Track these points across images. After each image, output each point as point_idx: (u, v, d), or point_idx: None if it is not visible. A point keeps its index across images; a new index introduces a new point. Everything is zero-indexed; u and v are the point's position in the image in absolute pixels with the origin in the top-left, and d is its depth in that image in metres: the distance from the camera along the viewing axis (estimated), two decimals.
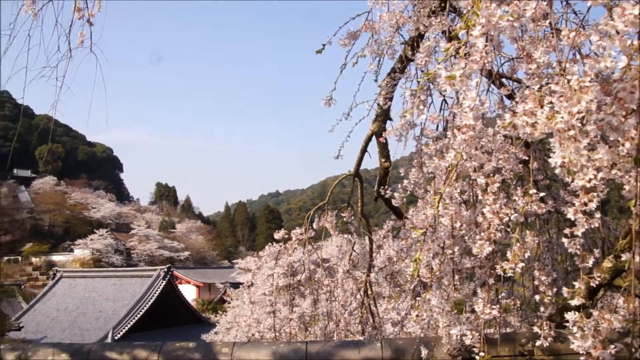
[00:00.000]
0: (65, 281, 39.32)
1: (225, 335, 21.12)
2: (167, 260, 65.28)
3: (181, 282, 49.61)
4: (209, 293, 52.25)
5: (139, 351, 3.07)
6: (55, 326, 33.70)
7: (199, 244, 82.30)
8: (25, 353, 3.18)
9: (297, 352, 3.10)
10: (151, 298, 34.53)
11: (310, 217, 4.80)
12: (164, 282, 35.86)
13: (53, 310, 35.94)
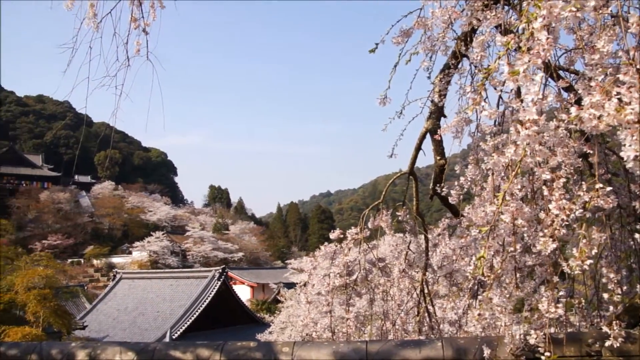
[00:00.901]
0: (125, 282, 40.48)
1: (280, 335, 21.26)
2: (222, 261, 66.27)
3: (235, 282, 50.27)
4: (262, 293, 52.78)
5: (202, 350, 3.13)
6: (116, 326, 34.70)
7: (252, 245, 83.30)
8: (95, 351, 3.29)
9: (358, 351, 3.09)
10: (207, 298, 35.09)
11: (366, 216, 4.77)
12: (219, 283, 36.38)
13: (114, 310, 37.04)
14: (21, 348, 3.52)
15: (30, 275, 18.93)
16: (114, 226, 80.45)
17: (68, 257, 66.20)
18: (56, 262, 26.91)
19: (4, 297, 18.08)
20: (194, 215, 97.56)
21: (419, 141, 4.58)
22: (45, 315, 18.82)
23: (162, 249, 68.03)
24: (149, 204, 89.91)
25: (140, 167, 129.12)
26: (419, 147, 4.63)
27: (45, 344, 3.53)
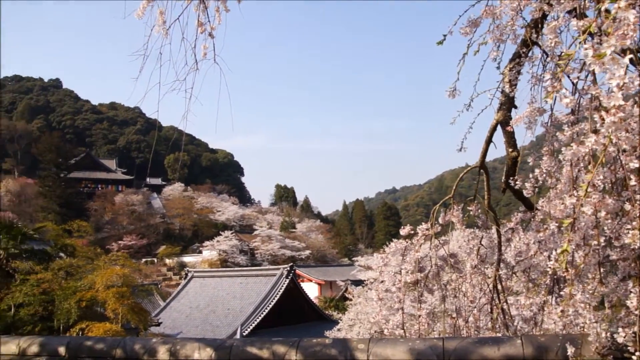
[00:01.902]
0: (196, 281, 41.58)
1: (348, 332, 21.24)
2: (289, 259, 66.98)
3: (303, 280, 50.71)
4: (330, 290, 52.99)
5: (278, 347, 3.16)
6: (189, 322, 35.68)
7: (319, 243, 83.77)
8: (175, 347, 3.39)
9: (434, 348, 3.03)
10: (276, 296, 35.53)
11: (436, 211, 4.69)
12: (287, 281, 36.76)
13: (186, 307, 38.12)
14: (107, 343, 3.69)
15: (109, 274, 19.75)
16: (184, 226, 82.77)
17: (142, 256, 68.64)
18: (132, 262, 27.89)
19: (86, 294, 18.92)
20: (261, 214, 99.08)
21: (490, 133, 4.45)
22: (123, 312, 19.60)
23: (231, 248, 69.43)
24: (217, 204, 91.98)
25: (208, 169, 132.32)
26: (489, 139, 4.50)
27: (129, 339, 3.68)
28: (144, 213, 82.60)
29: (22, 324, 18.35)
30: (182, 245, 75.73)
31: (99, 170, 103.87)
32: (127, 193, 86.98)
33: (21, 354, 3.89)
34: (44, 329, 18.51)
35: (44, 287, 18.90)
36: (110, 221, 78.01)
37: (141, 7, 3.81)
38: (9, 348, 3.98)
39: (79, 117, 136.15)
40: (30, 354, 3.85)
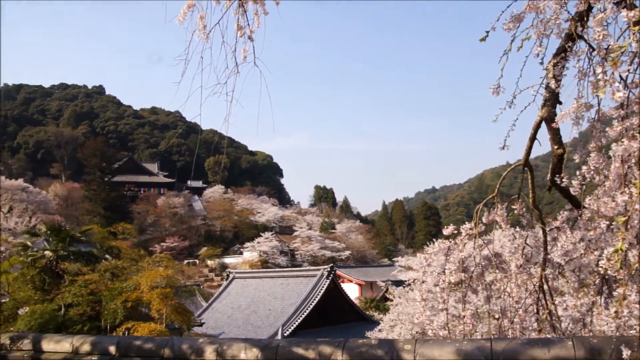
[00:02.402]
0: (238, 282, 41.99)
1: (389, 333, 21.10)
2: (329, 260, 67.03)
3: (343, 280, 50.64)
4: (370, 291, 52.78)
5: (324, 347, 3.16)
6: (231, 323, 36.03)
7: (359, 243, 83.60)
8: (222, 347, 3.43)
9: (482, 349, 2.98)
10: (316, 297, 35.57)
11: (480, 210, 4.61)
12: (328, 281, 36.76)
13: (228, 308, 38.52)
14: (155, 343, 3.76)
15: (153, 275, 20.12)
16: (225, 228, 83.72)
17: (184, 258, 69.72)
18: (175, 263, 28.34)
19: (131, 295, 19.32)
20: (301, 215, 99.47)
21: (534, 130, 4.36)
22: (167, 312, 19.94)
23: (271, 249, 69.89)
24: (257, 205, 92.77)
25: (248, 171, 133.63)
26: (533, 136, 4.40)
27: (176, 339, 3.75)
28: (185, 215, 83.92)
29: (72, 323, 18.86)
30: (223, 247, 76.59)
31: (141, 173, 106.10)
32: (168, 196, 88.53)
33: (74, 352, 4.02)
34: (92, 328, 18.98)
35: (91, 288, 19.38)
36: (153, 223, 79.51)
37: (182, 13, 3.86)
38: (63, 346, 4.11)
39: (122, 122, 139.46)
40: (83, 352, 3.97)
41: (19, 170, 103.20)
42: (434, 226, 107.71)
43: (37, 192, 77.09)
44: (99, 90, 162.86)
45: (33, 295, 19.73)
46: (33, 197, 72.86)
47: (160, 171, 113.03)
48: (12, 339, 4.45)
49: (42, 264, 20.73)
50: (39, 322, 17.68)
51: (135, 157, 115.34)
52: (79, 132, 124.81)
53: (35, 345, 4.27)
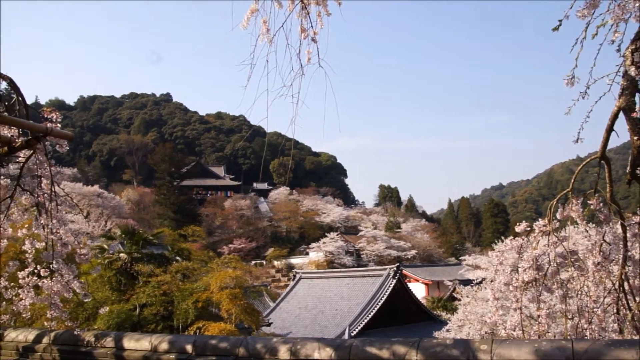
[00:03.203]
0: (304, 282, 42.26)
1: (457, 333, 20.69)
2: (395, 259, 66.54)
3: (410, 280, 50.16)
4: (437, 290, 52.05)
5: (398, 347, 3.13)
6: (298, 323, 36.28)
7: (424, 243, 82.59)
8: (295, 346, 3.47)
9: (562, 350, 2.87)
10: (383, 296, 35.32)
11: (554, 206, 4.45)
12: (394, 281, 36.43)
13: (295, 308, 38.82)
14: (230, 342, 3.85)
15: (222, 276, 20.55)
16: (291, 229, 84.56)
17: (252, 259, 70.87)
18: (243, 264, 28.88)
19: (202, 295, 19.79)
20: (366, 215, 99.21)
21: (611, 121, 4.17)
22: (236, 312, 20.30)
23: (337, 249, 70.01)
24: (322, 206, 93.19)
25: (312, 172, 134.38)
26: (610, 127, 4.22)
27: (251, 338, 3.82)
28: (252, 217, 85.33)
29: (146, 322, 19.53)
30: (289, 248, 77.38)
31: (208, 177, 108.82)
32: (235, 198, 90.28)
33: (153, 350, 4.16)
34: (165, 327, 19.58)
35: (164, 288, 20.01)
36: (221, 225, 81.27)
37: (245, 18, 3.91)
38: (142, 344, 4.27)
39: (189, 127, 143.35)
40: (161, 350, 4.11)
41: (95, 177, 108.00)
42: (501, 224, 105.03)
43: (112, 197, 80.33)
44: (167, 98, 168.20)
45: (110, 296, 20.57)
46: (108, 202, 75.96)
47: (226, 174, 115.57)
48: (96, 336, 4.68)
49: (118, 265, 21.58)
50: (116, 321, 18.42)
51: (202, 161, 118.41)
52: (148, 139, 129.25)
53: (117, 342, 4.47)
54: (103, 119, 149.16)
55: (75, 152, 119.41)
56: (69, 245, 4.98)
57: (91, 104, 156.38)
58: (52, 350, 4.93)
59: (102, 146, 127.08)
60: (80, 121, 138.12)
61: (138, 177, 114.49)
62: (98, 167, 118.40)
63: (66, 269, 4.92)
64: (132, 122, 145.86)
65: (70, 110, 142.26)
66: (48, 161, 4.77)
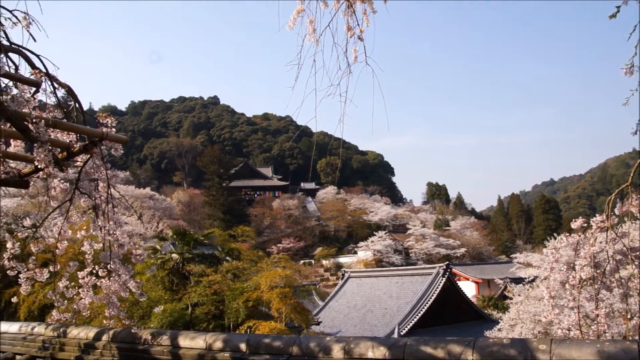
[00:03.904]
0: (353, 281, 42.24)
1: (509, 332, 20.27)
2: (444, 257, 65.78)
3: (459, 278, 49.46)
4: (488, 289, 51.15)
5: (453, 346, 3.09)
6: (347, 322, 36.31)
7: (474, 240, 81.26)
8: (349, 345, 3.48)
9: (628, 352, 2.75)
10: (432, 295, 34.98)
11: (612, 201, 4.31)
12: (444, 280, 36.03)
13: (344, 307, 38.85)
14: (283, 341, 3.89)
15: (272, 275, 20.70)
16: (339, 228, 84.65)
17: (300, 258, 71.25)
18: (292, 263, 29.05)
19: (252, 295, 20.01)
20: (414, 213, 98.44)
21: None
22: (286, 311, 20.42)
23: (385, 248, 69.68)
24: (369, 205, 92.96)
25: (359, 170, 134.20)
26: None
27: (304, 337, 3.85)
28: (300, 217, 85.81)
29: (198, 321, 19.89)
30: (337, 247, 77.46)
31: (256, 178, 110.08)
32: (283, 198, 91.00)
33: (208, 349, 4.25)
34: (216, 326, 19.88)
35: (214, 288, 20.31)
36: (269, 225, 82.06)
37: (291, 19, 3.93)
38: (197, 342, 4.37)
39: (236, 129, 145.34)
40: (216, 349, 4.19)
41: (146, 179, 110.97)
42: (553, 220, 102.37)
43: (163, 199, 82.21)
44: (214, 101, 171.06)
45: (163, 295, 21.03)
46: (159, 204, 77.74)
47: (274, 175, 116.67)
48: (153, 334, 4.81)
49: (170, 266, 22.06)
50: (169, 319, 18.83)
51: (250, 162, 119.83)
52: (197, 141, 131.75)
53: (172, 341, 4.59)
54: (153, 123, 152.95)
55: (127, 155, 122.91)
56: (125, 246, 5.13)
57: (142, 109, 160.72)
58: (111, 347, 5.10)
59: (153, 149, 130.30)
60: (131, 126, 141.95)
61: (188, 179, 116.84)
62: (149, 170, 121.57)
63: (123, 269, 5.07)
64: (181, 125, 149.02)
65: (121, 116, 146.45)
66: (104, 165, 4.92)
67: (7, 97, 4.15)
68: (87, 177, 5.16)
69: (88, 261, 5.43)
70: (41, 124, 4.31)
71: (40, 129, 4.31)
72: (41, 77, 4.49)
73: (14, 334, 6.47)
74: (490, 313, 37.10)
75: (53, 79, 4.63)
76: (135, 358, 4.79)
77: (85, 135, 4.87)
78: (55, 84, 4.69)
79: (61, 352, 5.65)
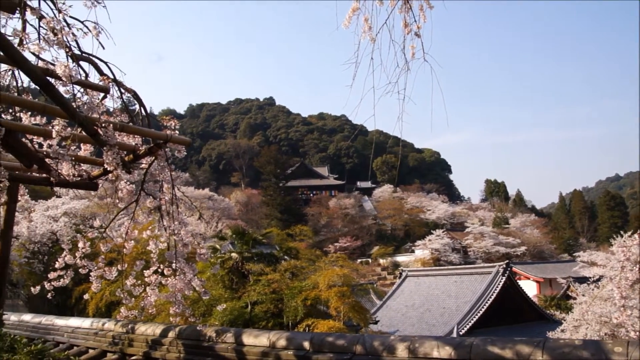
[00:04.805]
0: (411, 280, 41.93)
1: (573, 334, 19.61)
2: (503, 256, 64.42)
3: (520, 278, 48.31)
4: (550, 288, 49.71)
5: (521, 347, 3.02)
6: (405, 321, 36.07)
7: (534, 238, 79.09)
8: (413, 344, 3.46)
9: None
10: (492, 294, 34.32)
11: None
12: (504, 279, 35.29)
13: (402, 306, 38.61)
14: (347, 339, 3.91)
15: (330, 274, 20.76)
16: (395, 227, 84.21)
17: (357, 257, 71.21)
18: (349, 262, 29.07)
19: (310, 293, 20.14)
20: (472, 211, 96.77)
21: None
22: (345, 310, 20.46)
23: (443, 247, 68.85)
24: (427, 203, 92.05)
25: (416, 168, 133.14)
26: None
27: (368, 336, 3.86)
28: (356, 215, 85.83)
29: (257, 320, 20.17)
30: (394, 245, 77.05)
31: (313, 177, 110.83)
32: (339, 197, 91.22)
33: (272, 346, 4.32)
34: (275, 325, 20.11)
35: (273, 287, 20.55)
36: (326, 224, 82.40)
37: (347, 18, 3.93)
38: (261, 340, 4.45)
39: (292, 129, 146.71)
40: (279, 347, 4.25)
41: (205, 180, 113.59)
42: (619, 217, 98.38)
43: (221, 199, 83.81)
44: (270, 102, 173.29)
45: (223, 294, 21.45)
46: (218, 205, 79.27)
47: (330, 174, 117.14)
48: (217, 332, 4.93)
49: (230, 265, 22.47)
50: (229, 318, 19.19)
51: (306, 162, 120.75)
52: (254, 142, 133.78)
53: (237, 338, 4.69)
54: (211, 125, 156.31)
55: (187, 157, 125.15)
56: (189, 245, 5.28)
57: (199, 112, 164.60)
58: (177, 344, 5.25)
59: (211, 151, 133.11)
60: (190, 128, 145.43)
61: (245, 180, 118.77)
62: (208, 171, 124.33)
63: (188, 267, 5.22)
64: (238, 126, 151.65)
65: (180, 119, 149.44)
66: (168, 166, 5.07)
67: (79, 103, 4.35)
68: (152, 179, 5.33)
69: (153, 260, 5.61)
70: (110, 128, 4.49)
71: (109, 132, 4.49)
72: (109, 83, 4.68)
73: (86, 329, 6.77)
74: (552, 313, 36.07)
75: (120, 84, 4.82)
76: (200, 354, 4.92)
77: (150, 137, 5.04)
78: (122, 89, 4.88)
79: (130, 348, 5.86)
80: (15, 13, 3.63)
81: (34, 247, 29.79)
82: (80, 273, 5.69)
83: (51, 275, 5.72)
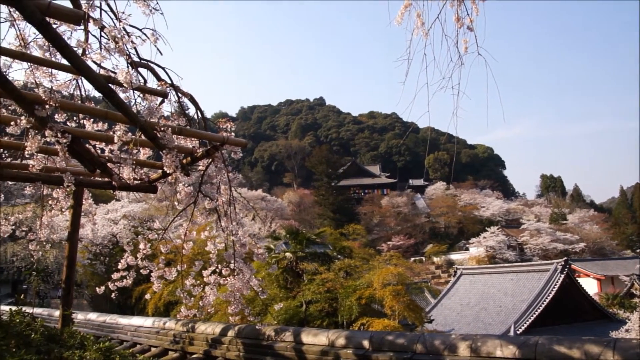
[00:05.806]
0: (466, 278, 41.27)
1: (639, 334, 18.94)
2: (562, 253, 62.56)
3: (579, 275, 46.77)
4: (612, 286, 47.95)
5: (590, 346, 2.92)
6: (461, 320, 35.52)
7: (594, 234, 76.41)
8: (475, 343, 3.41)
9: None
10: (550, 292, 33.38)
11: None
12: (562, 276, 34.25)
13: (457, 305, 38.05)
14: (407, 338, 3.89)
15: (384, 273, 20.73)
16: (449, 224, 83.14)
17: (410, 255, 70.65)
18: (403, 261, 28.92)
19: (364, 292, 20.16)
20: (527, 207, 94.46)
21: None
22: (399, 309, 20.37)
23: (498, 244, 67.43)
24: (480, 200, 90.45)
25: (468, 165, 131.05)
26: None
27: (428, 335, 3.83)
28: (409, 214, 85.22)
29: (312, 318, 20.34)
30: (448, 243, 76.11)
31: (364, 176, 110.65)
32: (392, 196, 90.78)
33: (331, 345, 4.35)
34: (330, 323, 20.22)
35: (327, 286, 20.67)
36: (379, 223, 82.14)
37: (399, 14, 3.90)
38: (320, 339, 4.48)
39: (342, 129, 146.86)
40: (338, 345, 4.27)
41: (258, 181, 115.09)
42: None
43: (274, 200, 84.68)
44: (320, 102, 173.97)
45: (278, 293, 21.71)
46: (271, 205, 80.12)
47: (381, 172, 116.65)
48: (276, 331, 4.99)
49: (284, 264, 22.71)
50: (285, 317, 19.41)
51: (357, 161, 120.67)
52: (305, 143, 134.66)
53: (295, 337, 4.73)
54: (262, 126, 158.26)
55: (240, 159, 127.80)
56: (247, 245, 5.36)
57: (251, 114, 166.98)
58: (237, 342, 5.35)
59: (263, 152, 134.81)
60: (242, 130, 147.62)
61: (297, 180, 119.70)
62: (260, 172, 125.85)
63: (246, 267, 5.31)
64: (289, 127, 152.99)
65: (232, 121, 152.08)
66: (225, 168, 5.17)
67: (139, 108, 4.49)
68: (209, 180, 5.44)
69: (212, 260, 5.73)
70: (168, 132, 4.61)
71: (168, 136, 4.62)
72: (167, 87, 4.81)
73: (148, 328, 6.98)
74: (615, 312, 34.86)
75: (177, 89, 4.94)
76: (259, 353, 5.00)
77: (207, 140, 5.15)
78: (179, 94, 5.00)
79: (190, 346, 6.01)
80: (80, 24, 3.77)
81: (96, 249, 30.93)
82: (140, 273, 5.87)
83: (114, 276, 5.91)
